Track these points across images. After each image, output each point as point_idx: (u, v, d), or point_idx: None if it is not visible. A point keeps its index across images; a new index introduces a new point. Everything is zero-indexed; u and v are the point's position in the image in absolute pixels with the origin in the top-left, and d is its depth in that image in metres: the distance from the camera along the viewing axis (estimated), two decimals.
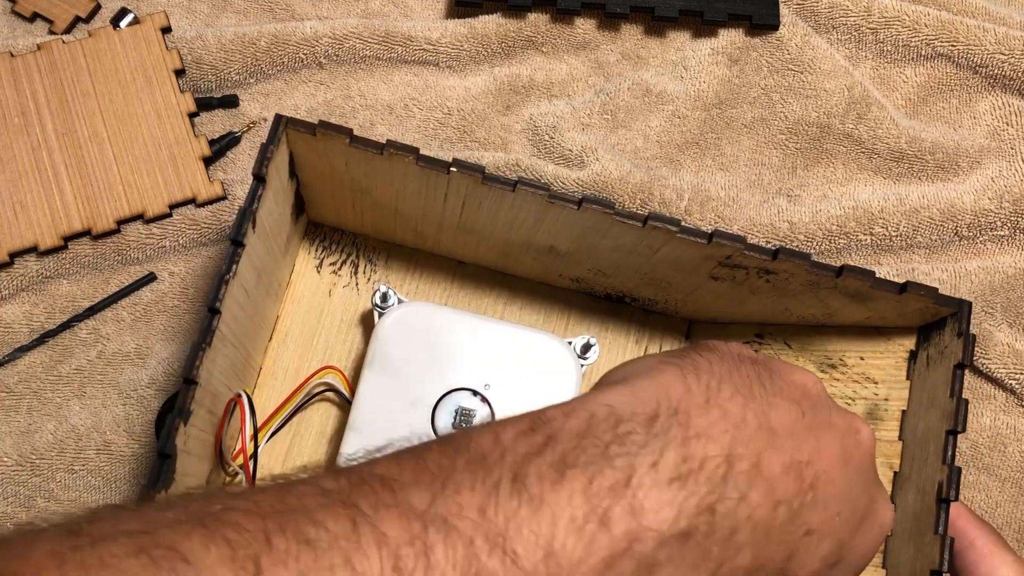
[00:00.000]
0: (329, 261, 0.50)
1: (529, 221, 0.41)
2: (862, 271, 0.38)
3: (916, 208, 0.52)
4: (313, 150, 0.41)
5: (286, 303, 0.49)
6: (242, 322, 0.42)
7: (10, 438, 0.49)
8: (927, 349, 0.42)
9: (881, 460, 0.43)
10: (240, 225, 0.38)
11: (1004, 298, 0.51)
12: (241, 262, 0.38)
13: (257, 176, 0.38)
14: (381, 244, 0.50)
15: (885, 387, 0.43)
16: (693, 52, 0.55)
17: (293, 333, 0.49)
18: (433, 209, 0.43)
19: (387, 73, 0.55)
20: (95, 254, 0.51)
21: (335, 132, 0.38)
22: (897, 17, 0.55)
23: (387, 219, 0.46)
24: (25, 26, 0.55)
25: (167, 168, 0.52)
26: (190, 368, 0.36)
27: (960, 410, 0.38)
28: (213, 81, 0.54)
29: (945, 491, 0.37)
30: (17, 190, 0.50)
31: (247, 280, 0.40)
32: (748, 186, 0.54)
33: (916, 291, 0.38)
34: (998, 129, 0.55)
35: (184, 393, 0.36)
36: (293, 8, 0.56)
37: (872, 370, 0.44)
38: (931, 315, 0.41)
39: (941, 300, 0.39)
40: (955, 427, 0.37)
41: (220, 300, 0.37)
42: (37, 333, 0.50)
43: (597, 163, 0.52)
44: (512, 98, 0.55)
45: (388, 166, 0.39)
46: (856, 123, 0.54)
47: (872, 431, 0.30)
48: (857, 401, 0.44)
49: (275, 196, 0.41)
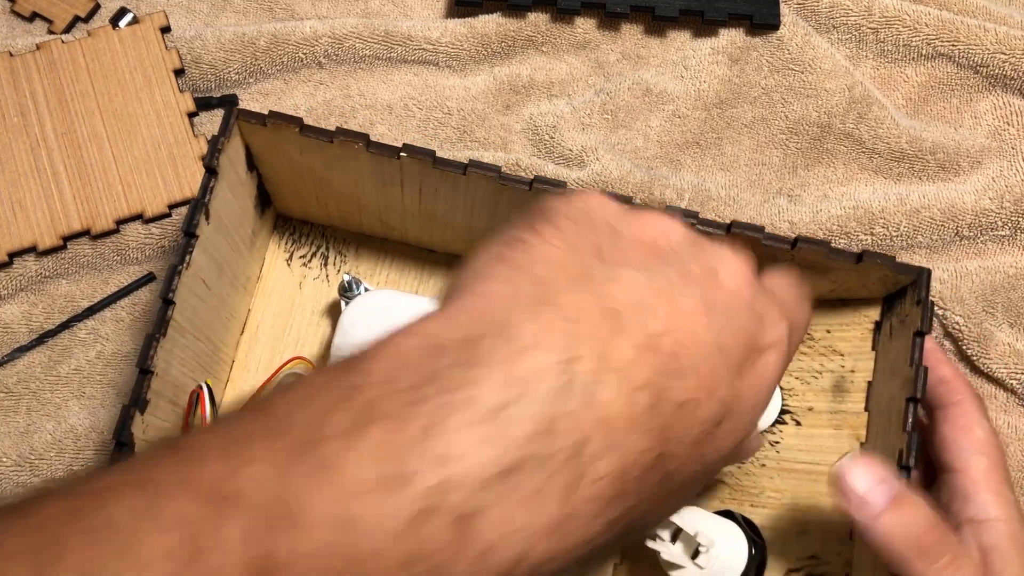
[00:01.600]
0: (299, 254, 0.50)
1: (486, 205, 0.41)
2: (817, 241, 0.38)
3: (917, 208, 0.52)
4: (268, 141, 0.41)
5: (257, 296, 0.50)
6: (204, 315, 0.42)
7: (9, 438, 0.48)
8: (890, 319, 0.42)
9: (848, 432, 0.43)
10: (191, 216, 0.38)
11: (1005, 298, 0.51)
12: (197, 254, 0.38)
13: (208, 168, 0.38)
14: (350, 235, 0.50)
15: (851, 359, 0.44)
16: (693, 52, 0.55)
17: (265, 326, 0.49)
18: (392, 196, 0.43)
19: (387, 73, 0.55)
20: (94, 254, 0.51)
21: (285, 122, 0.39)
22: (898, 17, 0.54)
23: (352, 210, 0.47)
24: (24, 26, 0.55)
25: (166, 168, 0.51)
26: (144, 358, 0.37)
27: (919, 377, 0.37)
28: (212, 81, 0.54)
29: (905, 458, 0.36)
30: (16, 190, 0.50)
31: (206, 273, 0.41)
32: (748, 186, 0.54)
33: (873, 260, 0.38)
34: (999, 129, 0.55)
35: (139, 382, 0.37)
36: (293, 8, 0.56)
37: (838, 343, 0.44)
38: (892, 284, 0.41)
39: (899, 268, 0.39)
40: (915, 394, 0.37)
41: (173, 290, 0.37)
42: (36, 333, 0.50)
43: (597, 163, 0.52)
44: (512, 98, 0.55)
45: (341, 154, 0.40)
46: (857, 123, 0.54)
47: (740, 259, 0.27)
48: (824, 374, 0.45)
49: (232, 188, 0.41)
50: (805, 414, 0.45)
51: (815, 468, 0.44)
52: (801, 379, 0.45)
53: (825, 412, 0.44)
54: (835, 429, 0.44)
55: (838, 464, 0.33)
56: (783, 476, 0.44)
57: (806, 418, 0.45)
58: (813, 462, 0.44)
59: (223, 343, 0.46)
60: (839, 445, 0.43)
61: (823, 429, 0.44)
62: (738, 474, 0.45)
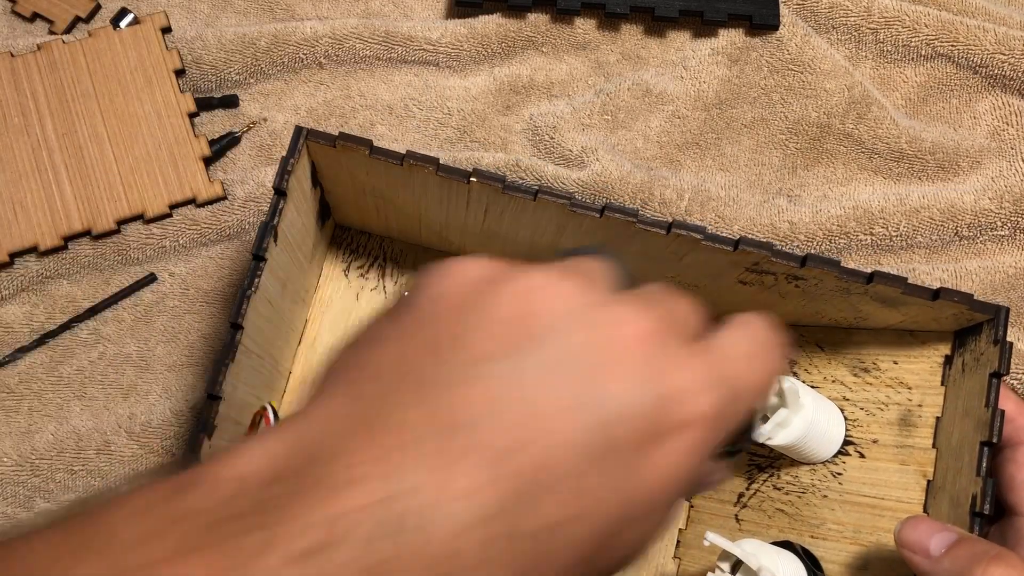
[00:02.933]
0: (356, 265, 0.50)
1: (552, 227, 0.41)
2: (894, 277, 0.37)
3: (916, 208, 0.52)
4: (334, 160, 0.40)
5: (314, 308, 0.50)
6: (267, 333, 0.42)
7: (10, 438, 0.48)
8: (963, 355, 0.40)
9: (915, 468, 0.42)
10: (261, 240, 0.37)
11: (1005, 298, 0.51)
12: (264, 275, 0.38)
13: (278, 190, 0.38)
14: (408, 247, 0.50)
15: (919, 393, 0.42)
16: (693, 52, 0.55)
17: (322, 338, 0.49)
18: (456, 216, 0.43)
19: (387, 73, 0.55)
20: (95, 254, 0.51)
21: (355, 144, 0.38)
22: (897, 17, 0.55)
23: (411, 224, 0.46)
24: (25, 26, 0.55)
25: (167, 168, 0.51)
26: (213, 383, 0.37)
27: (995, 420, 0.36)
28: (213, 81, 0.54)
29: (979, 504, 0.35)
30: (17, 190, 0.50)
31: (271, 292, 0.40)
32: (748, 186, 0.54)
33: (949, 297, 0.37)
34: (998, 129, 0.55)
35: (208, 408, 0.37)
36: (293, 8, 0.56)
37: (906, 375, 0.43)
38: (966, 320, 0.40)
39: (976, 306, 0.37)
40: (990, 438, 0.36)
41: (243, 315, 0.37)
42: (38, 334, 0.50)
43: (597, 163, 0.52)
44: (512, 98, 0.55)
45: (408, 176, 0.39)
46: (856, 123, 0.54)
47: (644, 320, 0.22)
48: (890, 407, 0.43)
49: (297, 207, 0.41)
50: (870, 447, 0.44)
51: (879, 503, 0.42)
52: (866, 410, 0.44)
53: (891, 446, 0.43)
54: (901, 464, 0.42)
55: (896, 528, 0.33)
56: (845, 509, 0.43)
57: (870, 451, 0.43)
58: (877, 496, 0.42)
59: (282, 357, 0.46)
60: (905, 481, 0.42)
61: (888, 463, 0.43)
62: (799, 504, 0.44)
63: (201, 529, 0.19)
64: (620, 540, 0.22)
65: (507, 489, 0.20)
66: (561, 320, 0.22)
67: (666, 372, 0.22)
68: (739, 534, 0.44)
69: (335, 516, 0.19)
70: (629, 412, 0.21)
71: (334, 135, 0.38)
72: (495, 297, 0.22)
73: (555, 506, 0.20)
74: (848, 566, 0.42)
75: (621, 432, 0.21)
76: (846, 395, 0.45)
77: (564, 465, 0.20)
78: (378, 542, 0.19)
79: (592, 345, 0.22)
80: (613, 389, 0.21)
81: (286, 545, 0.18)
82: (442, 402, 0.21)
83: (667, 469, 0.22)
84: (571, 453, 0.21)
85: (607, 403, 0.21)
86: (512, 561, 0.20)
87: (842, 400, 0.45)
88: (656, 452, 0.22)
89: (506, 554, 0.20)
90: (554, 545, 0.21)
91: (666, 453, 0.22)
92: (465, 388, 0.21)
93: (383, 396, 0.21)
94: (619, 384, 0.22)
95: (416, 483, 0.19)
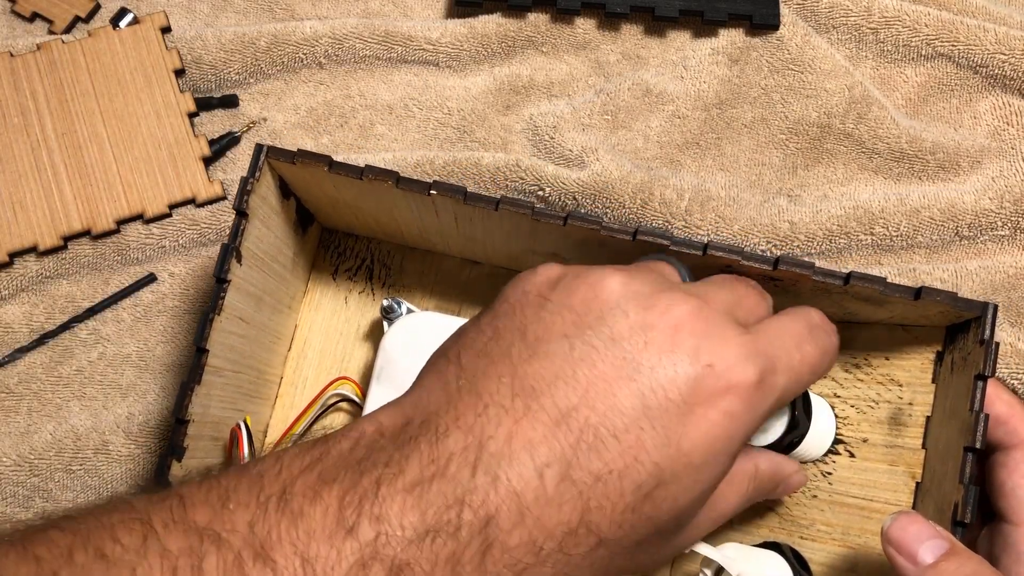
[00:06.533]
0: (344, 267, 0.50)
1: (524, 233, 0.41)
2: (871, 278, 0.36)
3: (917, 208, 0.52)
4: (299, 175, 0.41)
5: (303, 312, 0.49)
6: (243, 348, 0.41)
7: (9, 438, 0.48)
8: (952, 353, 0.39)
9: (903, 469, 0.41)
10: (222, 262, 0.37)
11: (1005, 298, 0.51)
12: (230, 296, 0.38)
13: (238, 211, 0.38)
14: (395, 247, 0.50)
15: (910, 390, 0.42)
16: (693, 52, 0.55)
17: (312, 342, 0.49)
18: (430, 223, 0.43)
19: (387, 73, 0.55)
20: (95, 254, 0.51)
21: (314, 160, 0.38)
22: (897, 17, 0.55)
23: (393, 228, 0.46)
24: (25, 26, 0.55)
25: (167, 168, 0.51)
26: (179, 408, 0.36)
27: (979, 425, 0.34)
28: (213, 81, 0.54)
29: (960, 513, 0.34)
30: (17, 190, 0.50)
31: (242, 310, 0.40)
32: (748, 186, 0.54)
33: (931, 297, 0.36)
34: (998, 129, 0.55)
35: (176, 432, 0.37)
36: (293, 8, 0.56)
37: (897, 371, 0.42)
38: (955, 316, 0.39)
39: (960, 304, 0.36)
40: (973, 444, 0.34)
41: (206, 338, 0.37)
42: (37, 334, 0.50)
43: (597, 163, 0.52)
44: (512, 98, 0.55)
45: (372, 188, 0.39)
46: (856, 123, 0.54)
47: (688, 303, 0.27)
48: (880, 404, 0.43)
49: (265, 223, 0.41)
50: (860, 446, 0.43)
51: (868, 504, 0.42)
52: (857, 408, 0.44)
53: (881, 445, 0.42)
54: (890, 465, 0.42)
55: (886, 521, 0.32)
56: (834, 509, 0.43)
57: (860, 450, 0.43)
58: (866, 497, 0.42)
59: (268, 365, 0.46)
60: (894, 482, 0.42)
61: (877, 463, 0.42)
62: (788, 504, 0.44)
63: (330, 470, 0.25)
64: (667, 492, 0.26)
65: (568, 440, 0.25)
66: (622, 304, 0.27)
67: (712, 345, 0.26)
68: (729, 534, 0.44)
69: (434, 459, 0.25)
70: (676, 378, 0.26)
71: (293, 151, 0.38)
72: (571, 288, 0.27)
73: (615, 454, 0.25)
74: (836, 568, 0.42)
75: (670, 395, 0.25)
76: (837, 392, 0.45)
77: (621, 421, 0.25)
78: (461, 478, 0.24)
79: (647, 323, 0.26)
80: (664, 359, 0.26)
81: (402, 478, 0.24)
82: (518, 373, 0.26)
83: (710, 429, 0.26)
84: (627, 412, 0.25)
85: (658, 370, 0.26)
86: (566, 501, 0.24)
87: (833, 397, 0.45)
88: (700, 413, 0.26)
89: (561, 495, 0.24)
90: (607, 489, 0.25)
91: (708, 414, 0.26)
92: (538, 362, 0.26)
93: (472, 370, 0.27)
94: (669, 355, 0.26)
95: (490, 435, 0.25)
